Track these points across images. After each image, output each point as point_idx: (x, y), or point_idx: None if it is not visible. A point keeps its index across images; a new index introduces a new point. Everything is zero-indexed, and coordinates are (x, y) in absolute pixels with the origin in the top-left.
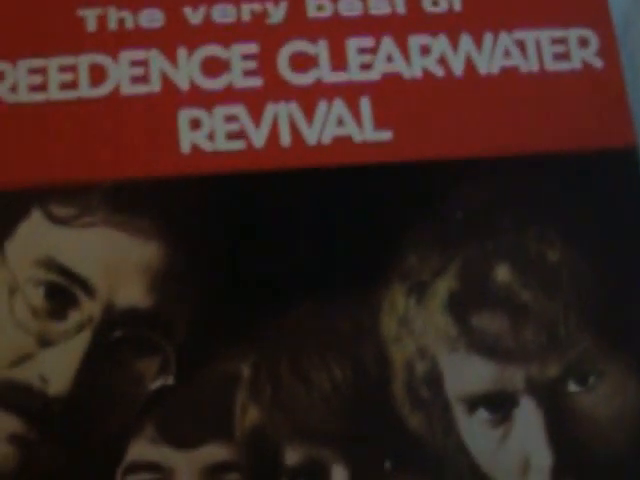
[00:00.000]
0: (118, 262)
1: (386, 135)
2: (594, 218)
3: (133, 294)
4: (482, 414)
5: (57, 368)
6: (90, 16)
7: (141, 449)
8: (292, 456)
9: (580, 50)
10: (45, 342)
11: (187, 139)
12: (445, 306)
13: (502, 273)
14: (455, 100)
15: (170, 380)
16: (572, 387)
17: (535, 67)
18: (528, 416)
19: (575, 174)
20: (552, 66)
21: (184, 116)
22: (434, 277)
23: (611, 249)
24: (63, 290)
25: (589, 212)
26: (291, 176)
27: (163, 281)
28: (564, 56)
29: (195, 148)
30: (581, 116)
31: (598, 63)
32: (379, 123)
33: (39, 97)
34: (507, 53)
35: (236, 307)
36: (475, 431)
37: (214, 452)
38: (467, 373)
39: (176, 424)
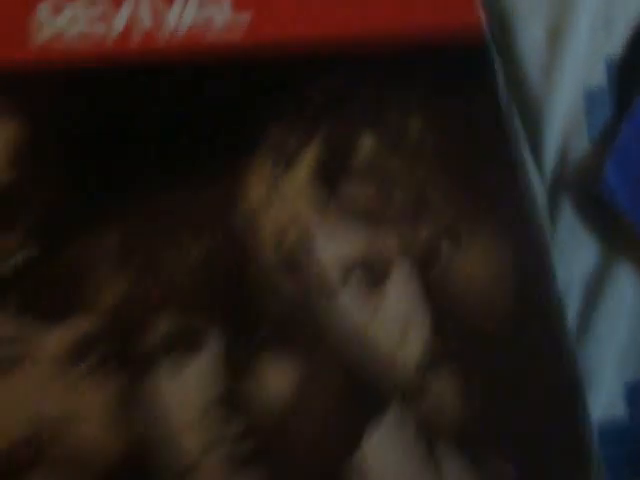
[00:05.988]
0: None
1: (244, 18)
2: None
3: None
4: (357, 279)
5: None
6: None
7: (4, 323)
8: (164, 324)
9: None
10: None
11: (48, 24)
12: (314, 174)
13: (367, 142)
14: None
15: (34, 252)
16: (445, 247)
17: None
18: (403, 279)
19: (430, 60)
20: None
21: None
22: (301, 147)
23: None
24: None
25: (443, 89)
26: (152, 59)
27: (24, 157)
28: None
29: (55, 33)
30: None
31: None
32: (238, 6)
33: None
34: None
35: (102, 179)
36: (350, 296)
37: (81, 324)
38: (339, 238)
39: (41, 296)
